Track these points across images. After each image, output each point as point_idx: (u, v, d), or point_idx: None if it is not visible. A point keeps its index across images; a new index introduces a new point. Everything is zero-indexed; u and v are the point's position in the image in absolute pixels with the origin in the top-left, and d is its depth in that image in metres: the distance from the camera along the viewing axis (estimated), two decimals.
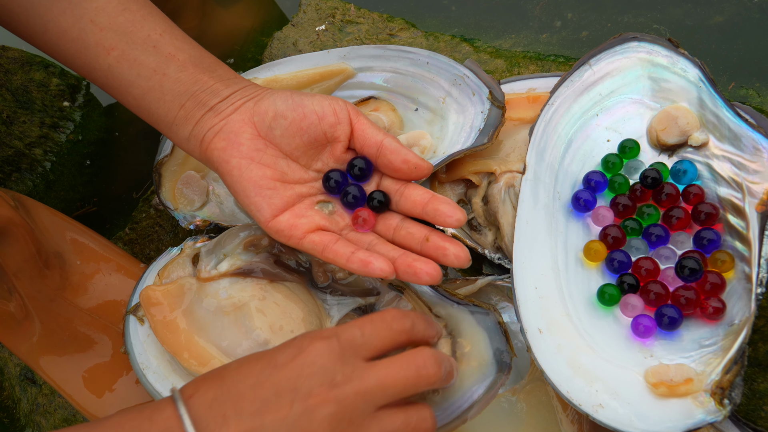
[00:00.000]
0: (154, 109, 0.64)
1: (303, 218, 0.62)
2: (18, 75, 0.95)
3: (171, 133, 0.65)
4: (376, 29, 0.93)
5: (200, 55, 0.66)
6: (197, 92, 0.63)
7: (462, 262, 0.60)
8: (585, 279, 0.66)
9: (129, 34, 0.64)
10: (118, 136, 1.02)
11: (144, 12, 0.65)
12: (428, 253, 0.60)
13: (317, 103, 0.63)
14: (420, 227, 0.62)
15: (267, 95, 0.63)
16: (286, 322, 0.64)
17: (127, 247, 0.88)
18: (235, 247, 0.68)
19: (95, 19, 0.64)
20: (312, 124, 0.62)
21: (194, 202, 0.77)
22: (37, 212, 0.76)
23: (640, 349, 0.61)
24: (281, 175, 0.62)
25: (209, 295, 0.67)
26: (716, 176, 0.66)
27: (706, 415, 0.54)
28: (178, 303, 0.67)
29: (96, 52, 0.64)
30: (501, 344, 0.61)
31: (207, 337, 0.65)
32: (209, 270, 0.68)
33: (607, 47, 0.71)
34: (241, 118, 0.62)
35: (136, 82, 0.64)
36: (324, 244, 0.61)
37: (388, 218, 0.64)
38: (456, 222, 0.60)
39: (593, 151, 0.71)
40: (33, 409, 0.81)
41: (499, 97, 0.71)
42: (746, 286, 0.60)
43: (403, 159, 0.62)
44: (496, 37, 0.93)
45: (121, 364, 0.75)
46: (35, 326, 0.74)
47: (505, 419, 0.65)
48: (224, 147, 0.62)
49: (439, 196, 0.62)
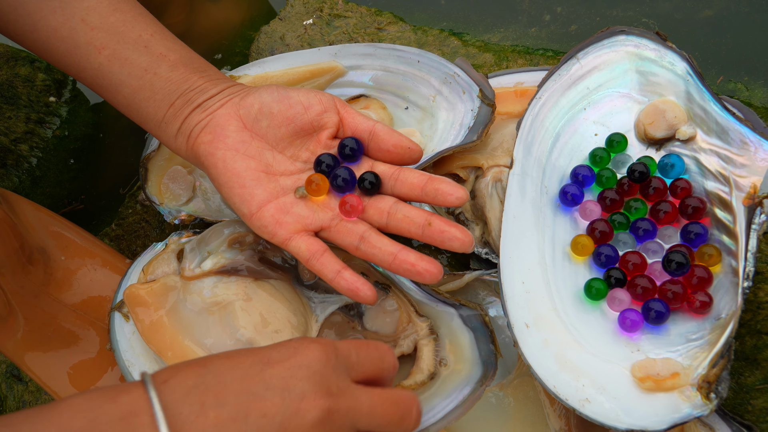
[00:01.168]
0: (143, 108, 0.64)
1: (288, 215, 0.61)
2: (3, 70, 0.94)
3: (159, 131, 0.65)
4: (364, 23, 0.93)
5: (190, 57, 0.66)
6: (186, 91, 0.63)
7: (467, 247, 0.59)
8: (572, 273, 0.65)
9: (120, 34, 0.64)
10: (105, 132, 1.01)
11: (135, 12, 0.65)
12: (432, 239, 0.59)
13: (303, 94, 0.63)
14: (418, 211, 0.60)
15: (253, 90, 0.64)
16: (271, 321, 0.64)
17: (114, 243, 0.87)
18: (219, 244, 0.67)
19: (86, 18, 0.63)
20: (298, 114, 0.62)
21: (180, 197, 0.77)
22: (20, 207, 0.76)
23: (627, 343, 0.61)
24: (266, 167, 0.62)
25: (193, 293, 0.66)
26: (703, 170, 0.66)
27: (693, 409, 0.54)
28: (162, 302, 0.67)
29: (87, 51, 0.64)
30: (487, 345, 0.61)
31: (192, 337, 0.65)
32: (193, 268, 0.67)
33: (594, 41, 0.71)
34: (226, 112, 0.62)
35: (126, 81, 0.64)
36: (311, 253, 0.60)
37: (379, 201, 0.62)
38: (458, 200, 0.59)
39: (581, 145, 0.70)
40: (19, 406, 0.80)
41: (489, 95, 0.71)
42: (733, 280, 0.60)
43: (395, 143, 0.62)
44: (485, 31, 0.93)
45: (106, 360, 0.74)
46: (19, 322, 0.74)
47: (492, 414, 0.65)
48: (210, 140, 0.62)
49: (437, 176, 0.61)
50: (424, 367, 0.61)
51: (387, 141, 0.62)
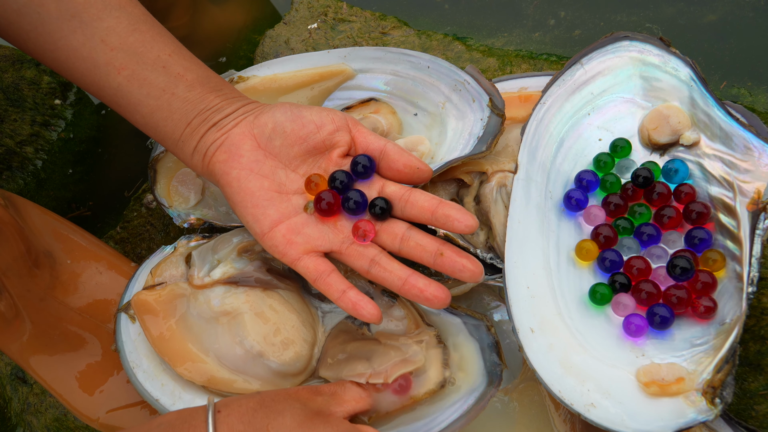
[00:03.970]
0: (161, 127, 0.65)
1: (299, 235, 0.62)
2: (9, 73, 0.95)
3: (177, 149, 0.66)
4: (368, 27, 0.93)
5: (207, 76, 0.67)
6: (203, 111, 0.64)
7: (476, 277, 0.60)
8: (577, 278, 0.66)
9: (139, 55, 0.64)
10: (110, 134, 1.01)
11: (153, 33, 0.66)
12: (443, 268, 0.60)
13: (315, 113, 0.64)
14: (431, 239, 0.61)
15: (266, 109, 0.65)
16: (281, 332, 0.64)
17: (119, 246, 0.87)
18: (229, 252, 0.68)
19: (106, 39, 0.64)
20: (311, 133, 0.63)
21: (189, 200, 0.77)
22: (27, 211, 0.76)
23: (632, 348, 0.61)
24: (279, 186, 0.63)
25: (202, 302, 0.66)
26: (707, 175, 0.66)
27: (698, 414, 0.54)
28: (171, 310, 0.67)
29: (106, 71, 0.64)
30: (492, 356, 0.61)
31: (200, 346, 0.65)
32: (202, 277, 0.68)
33: (598, 46, 0.71)
34: (241, 131, 0.63)
35: (145, 101, 0.65)
36: (318, 273, 0.61)
37: (392, 226, 0.63)
38: (467, 228, 0.60)
39: (585, 151, 0.71)
40: (24, 408, 0.80)
41: (499, 104, 0.70)
42: (737, 285, 0.60)
43: (405, 162, 0.63)
44: (489, 36, 0.93)
45: (111, 363, 0.75)
46: (25, 325, 0.74)
47: (497, 419, 0.65)
48: (225, 159, 0.63)
49: (447, 201, 0.61)
50: (433, 377, 0.62)
51: (398, 161, 0.63)
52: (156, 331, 0.66)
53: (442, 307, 0.59)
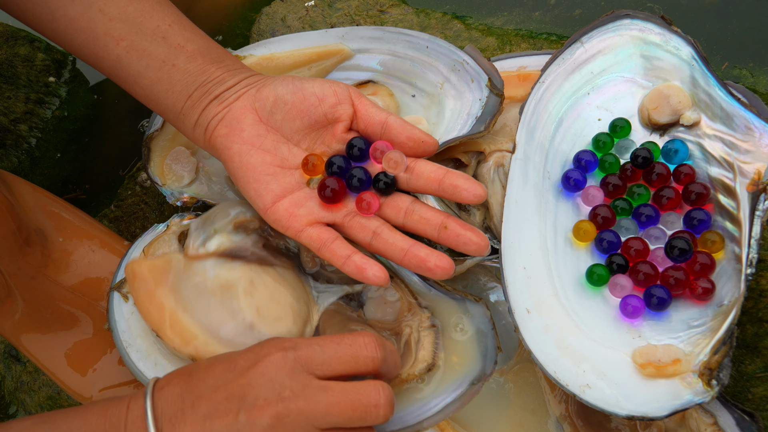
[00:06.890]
0: (162, 100, 0.64)
1: (302, 208, 0.62)
2: (2, 49, 0.94)
3: (178, 122, 0.65)
4: (366, 5, 0.92)
5: (208, 46, 0.66)
6: (204, 83, 0.63)
7: (482, 251, 0.59)
8: (574, 259, 0.65)
9: (138, 25, 0.63)
10: (105, 112, 1.01)
11: (153, 2, 0.65)
12: (447, 241, 0.60)
13: (317, 86, 0.63)
14: (435, 212, 0.61)
15: (269, 82, 0.64)
16: (274, 307, 0.63)
17: (113, 225, 0.87)
18: (226, 224, 0.67)
19: (104, 8, 0.63)
20: (312, 106, 0.62)
21: (183, 178, 0.76)
22: (18, 188, 0.75)
23: (629, 329, 0.60)
24: (281, 160, 0.63)
25: (197, 273, 0.66)
26: (707, 156, 0.65)
27: (694, 396, 0.54)
28: (163, 278, 0.66)
29: (105, 42, 0.63)
30: (487, 339, 0.61)
31: (192, 316, 0.64)
32: (197, 247, 0.67)
33: (599, 25, 0.70)
34: (242, 105, 0.63)
35: (144, 73, 0.64)
36: (322, 242, 0.60)
37: (396, 200, 0.63)
38: (475, 198, 0.59)
39: (584, 130, 0.70)
40: (17, 386, 0.80)
41: (498, 84, 0.70)
42: (736, 266, 0.59)
43: (409, 135, 0.62)
44: (488, 15, 0.92)
45: (104, 342, 0.74)
46: (17, 304, 0.73)
47: (492, 400, 0.65)
48: (226, 134, 0.62)
49: (454, 170, 0.61)
50: (422, 358, 0.61)
51: (401, 133, 0.62)
52: (146, 297, 0.66)
53: (446, 278, 0.59)
